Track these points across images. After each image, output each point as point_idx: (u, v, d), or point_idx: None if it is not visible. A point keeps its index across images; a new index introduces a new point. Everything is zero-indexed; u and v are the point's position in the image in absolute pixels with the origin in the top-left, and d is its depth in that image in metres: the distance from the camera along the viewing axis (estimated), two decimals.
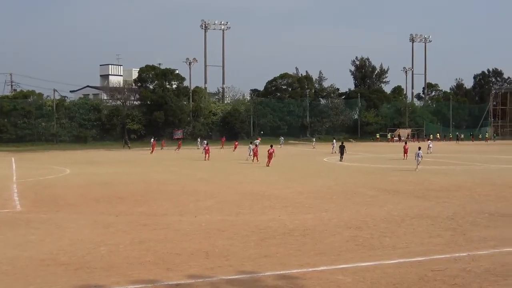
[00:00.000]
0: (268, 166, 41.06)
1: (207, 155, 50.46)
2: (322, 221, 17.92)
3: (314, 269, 11.93)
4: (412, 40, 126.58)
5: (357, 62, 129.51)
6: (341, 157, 47.08)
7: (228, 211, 20.02)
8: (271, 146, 45.19)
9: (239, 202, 22.25)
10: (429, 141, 67.01)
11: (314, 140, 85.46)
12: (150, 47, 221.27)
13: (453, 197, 23.33)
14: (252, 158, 47.20)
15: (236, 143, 71.29)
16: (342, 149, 48.01)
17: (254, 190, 26.40)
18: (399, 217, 18.43)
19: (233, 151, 65.48)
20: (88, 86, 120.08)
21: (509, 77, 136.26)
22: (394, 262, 12.53)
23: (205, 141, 60.98)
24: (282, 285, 10.82)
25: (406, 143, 56.95)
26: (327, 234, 15.67)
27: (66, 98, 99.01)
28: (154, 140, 69.66)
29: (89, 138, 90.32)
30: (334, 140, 66.98)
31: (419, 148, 38.56)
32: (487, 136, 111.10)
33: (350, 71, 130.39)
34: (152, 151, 64.48)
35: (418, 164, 36.88)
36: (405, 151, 49.66)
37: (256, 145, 48.74)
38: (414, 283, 10.93)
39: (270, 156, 42.27)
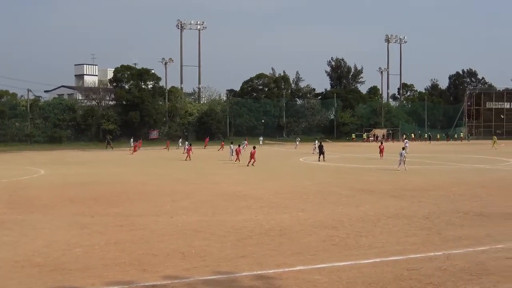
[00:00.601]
0: (248, 166, 41.21)
1: (188, 155, 50.56)
2: (299, 221, 17.94)
3: (291, 269, 11.94)
4: (388, 41, 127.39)
5: (333, 63, 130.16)
6: (320, 157, 47.15)
7: (204, 212, 19.96)
8: (254, 147, 45.58)
9: (216, 203, 22.20)
10: (405, 141, 67.33)
11: (298, 140, 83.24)
12: (126, 47, 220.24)
13: (429, 197, 23.51)
14: (234, 158, 47.60)
15: (223, 143, 71.23)
16: (321, 149, 48.05)
17: (230, 190, 26.37)
18: (375, 217, 18.52)
19: (220, 150, 65.08)
20: (62, 86, 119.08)
21: (483, 78, 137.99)
22: (370, 261, 12.59)
23: (187, 142, 61.10)
24: (259, 285, 10.81)
25: (382, 143, 57.26)
26: (303, 234, 15.70)
27: (40, 98, 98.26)
28: (137, 142, 69.80)
29: (64, 138, 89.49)
30: (317, 141, 67.12)
31: (403, 148, 38.71)
32: (461, 136, 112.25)
33: (326, 71, 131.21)
34: (133, 152, 63.92)
35: (399, 164, 36.88)
36: (381, 151, 49.92)
37: (239, 146, 49.21)
38: (390, 282, 10.99)
39: (252, 156, 42.48)
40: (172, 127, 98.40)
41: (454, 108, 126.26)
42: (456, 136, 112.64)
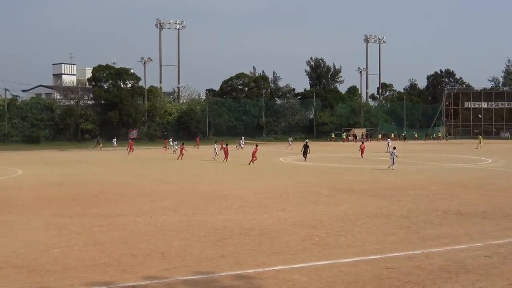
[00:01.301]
0: (249, 164, 41.86)
1: (181, 155, 51.14)
2: (279, 220, 17.96)
3: (271, 268, 11.95)
4: (367, 40, 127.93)
5: (312, 63, 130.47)
6: (305, 156, 47.14)
7: (184, 212, 19.91)
8: (256, 145, 45.90)
9: (196, 203, 22.15)
10: (388, 140, 67.58)
11: (290, 140, 79.48)
12: (104, 46, 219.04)
13: (407, 196, 23.66)
14: (215, 156, 48.06)
15: (222, 142, 70.37)
16: (305, 148, 48.02)
17: (210, 190, 26.32)
18: (354, 216, 18.60)
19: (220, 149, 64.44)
20: (40, 85, 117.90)
21: (461, 78, 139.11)
22: (350, 260, 12.63)
23: (173, 141, 61.44)
24: (239, 285, 10.80)
25: (363, 142, 57.56)
26: (283, 234, 15.71)
27: (18, 97, 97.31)
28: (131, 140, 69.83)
29: (42, 138, 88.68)
30: (307, 141, 67.09)
31: (394, 148, 38.66)
32: (439, 135, 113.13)
33: (305, 71, 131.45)
34: (130, 151, 63.55)
35: (393, 164, 36.82)
36: (362, 151, 50.19)
37: (226, 145, 49.13)
38: (369, 281, 11.04)
39: (253, 154, 42.96)
40: (152, 126, 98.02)
41: (433, 108, 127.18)
42: (434, 135, 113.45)
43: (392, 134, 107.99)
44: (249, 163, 42.02)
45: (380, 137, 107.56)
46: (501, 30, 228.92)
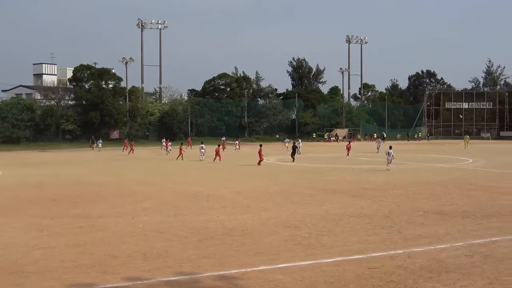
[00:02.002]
0: (259, 165, 41.78)
1: (181, 154, 51.03)
2: (261, 220, 17.95)
3: (253, 269, 11.93)
4: (349, 41, 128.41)
5: (294, 63, 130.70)
6: (293, 156, 46.84)
7: (166, 212, 19.83)
8: (260, 145, 45.40)
9: (177, 203, 22.08)
10: (378, 140, 67.53)
11: (287, 140, 75.81)
12: (86, 46, 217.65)
13: (389, 196, 23.76)
14: (202, 158, 47.94)
15: (224, 142, 70.10)
16: (294, 149, 47.82)
17: (192, 190, 26.25)
18: (337, 216, 18.64)
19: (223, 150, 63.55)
20: (21, 85, 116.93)
21: (442, 78, 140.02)
22: (332, 260, 12.65)
23: (170, 141, 62.03)
24: (221, 286, 10.78)
25: (349, 142, 57.81)
26: (266, 234, 15.70)
27: None
28: (129, 140, 70.12)
29: (22, 139, 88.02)
30: (300, 140, 67.03)
31: (390, 147, 38.43)
32: (420, 135, 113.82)
33: (287, 71, 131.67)
34: (130, 151, 63.21)
35: (389, 163, 36.59)
36: (348, 150, 50.43)
37: (218, 146, 49.15)
38: (352, 281, 11.05)
39: (260, 154, 42.74)
40: (133, 127, 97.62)
41: (414, 108, 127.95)
42: (416, 136, 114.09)
43: (375, 134, 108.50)
44: (258, 164, 41.86)
45: (359, 137, 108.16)
46: (482, 31, 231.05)
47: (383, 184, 28.47)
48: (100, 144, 74.28)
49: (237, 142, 71.48)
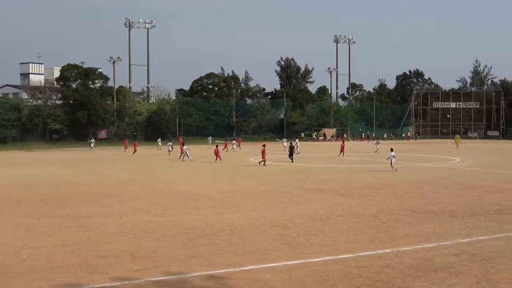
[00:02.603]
0: (261, 164, 40.95)
1: (182, 154, 50.61)
2: (249, 220, 17.95)
3: (242, 268, 11.93)
4: (337, 41, 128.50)
5: (283, 63, 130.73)
6: (291, 157, 45.50)
7: (154, 212, 19.79)
8: (264, 145, 44.13)
9: (165, 203, 22.04)
10: (377, 140, 66.84)
11: (284, 140, 72.72)
12: (73, 46, 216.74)
13: (377, 195, 23.83)
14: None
15: (226, 142, 68.72)
16: (291, 149, 46.59)
17: (180, 190, 26.21)
18: (325, 215, 18.67)
19: (225, 150, 62.60)
20: (7, 85, 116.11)
21: (429, 78, 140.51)
22: (320, 259, 12.67)
23: (170, 141, 62.81)
24: (210, 286, 10.76)
25: (343, 141, 57.70)
26: (254, 234, 15.70)
27: None
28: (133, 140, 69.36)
29: (9, 138, 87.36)
30: (297, 140, 66.73)
31: (392, 150, 37.25)
32: (408, 135, 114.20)
33: (276, 71, 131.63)
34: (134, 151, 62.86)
35: (393, 165, 35.74)
36: (342, 149, 50.54)
37: (216, 146, 48.90)
38: (340, 280, 11.07)
39: (263, 155, 41.54)
40: (121, 127, 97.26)
41: (402, 108, 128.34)
42: (403, 135, 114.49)
43: (362, 134, 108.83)
44: (264, 164, 40.83)
45: (345, 136, 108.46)
46: (469, 31, 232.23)
47: (371, 183, 28.56)
48: (93, 144, 72.44)
49: (235, 141, 70.45)
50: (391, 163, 35.90)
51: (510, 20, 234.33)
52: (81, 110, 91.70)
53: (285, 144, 65.80)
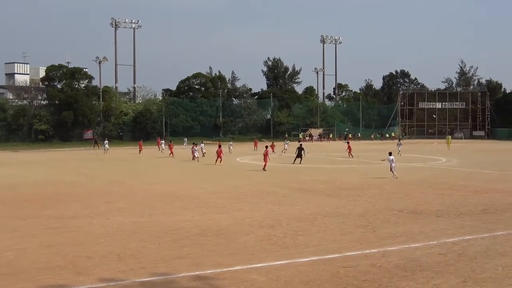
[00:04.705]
0: (265, 170, 36.82)
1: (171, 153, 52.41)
2: (236, 220, 17.92)
3: (229, 269, 11.90)
4: (323, 41, 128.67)
5: (270, 63, 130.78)
6: (300, 159, 43.20)
7: (140, 213, 19.71)
8: (266, 146, 41.94)
9: (152, 203, 21.97)
10: (399, 142, 60.87)
11: (287, 142, 69.51)
12: (59, 45, 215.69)
13: (364, 195, 23.87)
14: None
15: (219, 142, 65.53)
16: (300, 151, 43.88)
17: (166, 190, 26.13)
18: (312, 216, 18.68)
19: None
20: None
21: (416, 78, 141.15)
22: (307, 260, 12.66)
23: (168, 140, 63.97)
24: (197, 286, 10.73)
25: (348, 142, 55.99)
26: (241, 234, 15.68)
27: None
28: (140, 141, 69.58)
29: None
30: (301, 143, 66.32)
31: (390, 154, 33.90)
32: (393, 135, 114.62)
33: (263, 71, 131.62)
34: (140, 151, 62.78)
35: (394, 171, 31.76)
36: (349, 150, 50.05)
37: (220, 147, 48.51)
38: (327, 280, 11.07)
39: (265, 157, 38.42)
40: (107, 127, 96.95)
41: (388, 108, 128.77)
42: (387, 135, 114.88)
43: (350, 134, 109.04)
44: (264, 169, 37.04)
45: (331, 136, 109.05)
46: (454, 32, 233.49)
47: (357, 183, 28.61)
48: (107, 145, 67.54)
49: (230, 143, 68.59)
50: (391, 169, 31.68)
51: (495, 21, 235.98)
52: (67, 110, 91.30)
53: (286, 146, 64.13)
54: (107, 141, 69.14)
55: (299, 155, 43.41)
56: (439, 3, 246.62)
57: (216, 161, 43.18)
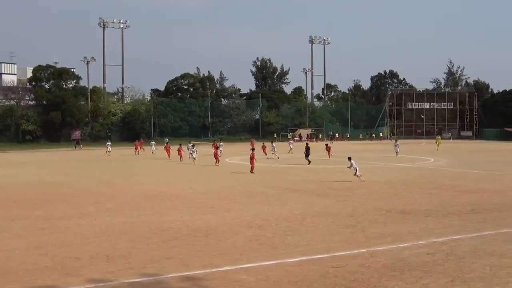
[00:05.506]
0: (253, 172, 35.52)
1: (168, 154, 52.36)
2: (225, 221, 17.91)
3: (218, 269, 11.89)
4: (312, 41, 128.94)
5: (258, 63, 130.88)
6: (308, 159, 42.55)
7: (129, 213, 19.66)
8: (252, 149, 39.76)
9: (141, 204, 21.91)
10: (396, 143, 61.70)
11: (291, 142, 67.48)
12: (46, 45, 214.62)
13: (353, 195, 23.91)
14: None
15: (214, 142, 62.23)
16: (308, 150, 43.37)
17: (155, 191, 26.08)
18: (301, 216, 18.69)
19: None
20: None
21: (404, 79, 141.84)
22: (296, 260, 12.67)
23: (154, 142, 64.73)
24: (186, 287, 10.71)
25: (327, 144, 55.42)
26: (230, 234, 15.67)
27: None
28: (136, 141, 69.01)
29: None
30: (291, 141, 66.16)
31: (350, 158, 32.37)
32: (381, 135, 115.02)
33: (251, 71, 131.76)
34: (136, 152, 62.73)
35: (358, 174, 29.87)
36: (329, 151, 49.55)
37: (217, 148, 49.52)
38: (316, 280, 11.08)
39: (252, 160, 37.00)
40: (95, 127, 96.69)
41: (377, 108, 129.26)
42: (374, 135, 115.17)
43: (337, 134, 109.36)
44: (252, 171, 35.79)
45: (320, 136, 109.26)
46: (443, 33, 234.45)
47: (346, 183, 28.64)
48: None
49: (221, 144, 66.77)
50: (355, 173, 29.82)
51: (483, 21, 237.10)
52: (55, 110, 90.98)
53: (291, 146, 63.11)
54: (109, 143, 66.50)
55: (307, 155, 42.90)
56: (427, 3, 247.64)
57: (216, 162, 42.85)
